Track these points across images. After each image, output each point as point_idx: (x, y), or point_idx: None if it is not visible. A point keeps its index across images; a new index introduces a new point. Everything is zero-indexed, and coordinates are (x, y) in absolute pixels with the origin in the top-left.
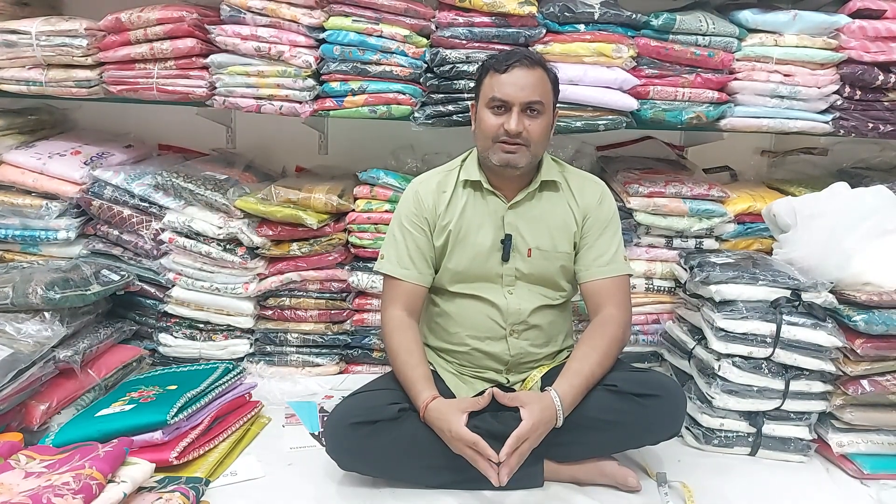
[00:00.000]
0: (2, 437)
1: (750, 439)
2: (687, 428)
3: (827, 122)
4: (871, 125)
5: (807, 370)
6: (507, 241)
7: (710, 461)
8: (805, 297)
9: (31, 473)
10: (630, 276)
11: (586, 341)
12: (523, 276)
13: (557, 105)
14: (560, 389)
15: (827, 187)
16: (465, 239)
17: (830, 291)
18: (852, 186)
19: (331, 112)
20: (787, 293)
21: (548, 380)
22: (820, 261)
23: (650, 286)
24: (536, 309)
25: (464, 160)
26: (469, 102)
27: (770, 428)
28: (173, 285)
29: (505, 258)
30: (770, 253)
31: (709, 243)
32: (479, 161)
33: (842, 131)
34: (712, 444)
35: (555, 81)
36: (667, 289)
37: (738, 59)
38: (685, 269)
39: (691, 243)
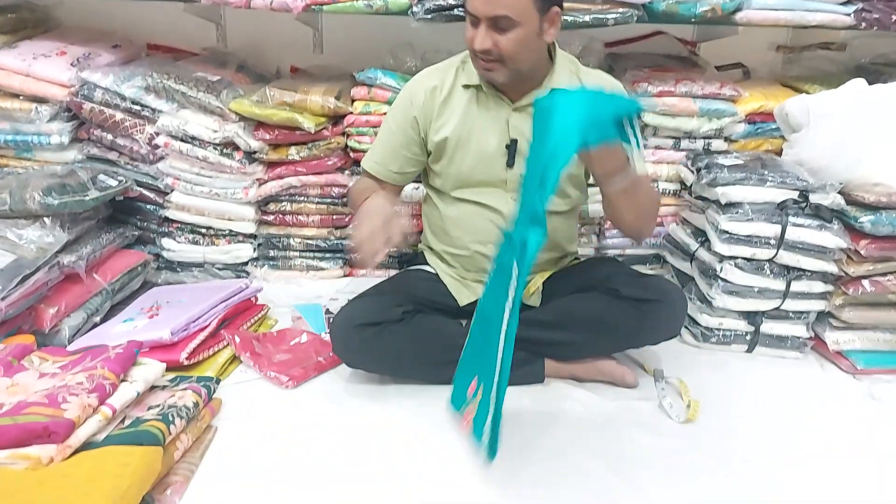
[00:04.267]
0: (14, 340)
1: (748, 337)
2: (686, 327)
3: (849, 15)
4: (895, 17)
5: (809, 271)
6: (511, 146)
7: (707, 358)
8: (813, 198)
9: (45, 374)
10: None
11: None
12: None
13: (557, 3)
14: None
15: (843, 84)
16: (468, 143)
17: (839, 192)
18: (870, 83)
19: (324, 6)
20: (795, 195)
21: (551, 285)
22: (830, 161)
23: (655, 189)
24: None
25: (464, 60)
26: None
27: (768, 327)
28: (172, 190)
29: (510, 164)
30: (779, 154)
31: (717, 144)
32: None
33: (863, 24)
34: (710, 342)
35: None
36: (672, 191)
37: None
38: (692, 171)
39: (699, 144)
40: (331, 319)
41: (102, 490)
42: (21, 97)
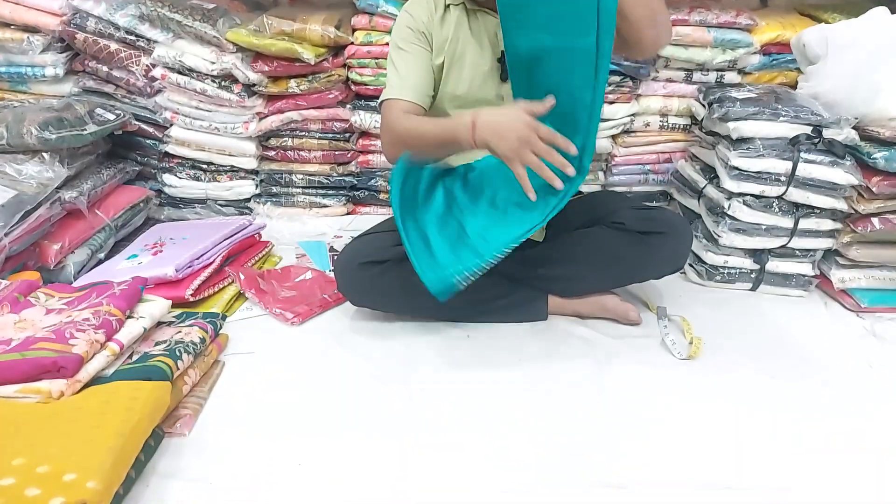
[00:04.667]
0: (20, 276)
1: (752, 275)
2: (690, 265)
3: None
4: None
5: (818, 209)
6: (503, 59)
7: (710, 296)
8: (826, 133)
9: (52, 310)
10: None
11: None
12: None
13: None
14: None
15: (864, 13)
16: (462, 60)
17: (853, 128)
18: (893, 12)
19: None
20: (808, 130)
21: (555, 220)
22: (847, 94)
23: (665, 123)
24: None
25: None
26: None
27: (774, 265)
28: (171, 125)
29: (504, 77)
30: (794, 87)
31: (730, 77)
32: None
33: None
34: (714, 280)
35: None
36: (682, 126)
37: None
38: (703, 105)
39: (712, 77)
40: (335, 257)
41: (113, 423)
42: (12, 26)
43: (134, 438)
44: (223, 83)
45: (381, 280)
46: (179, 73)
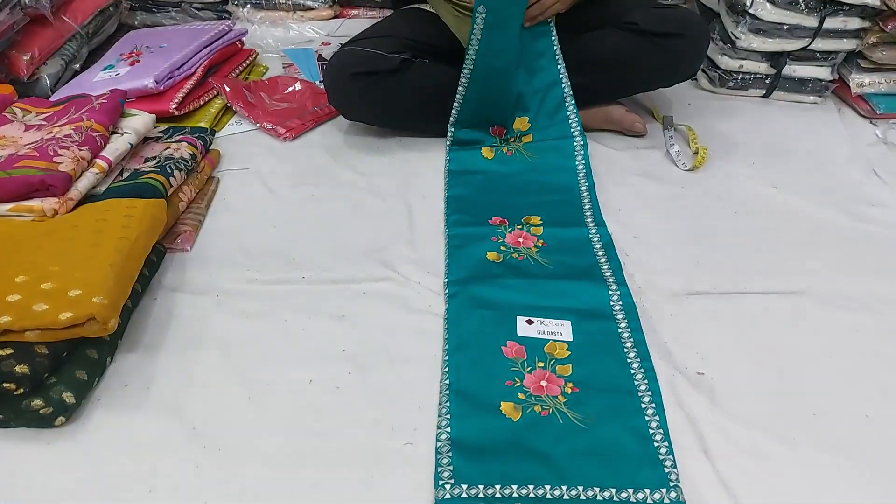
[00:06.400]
0: None
1: (767, 81)
2: (703, 70)
3: None
4: None
5: (847, 5)
6: None
7: (720, 104)
8: None
9: (31, 126)
10: None
11: None
12: None
13: None
14: None
15: None
16: None
17: None
18: None
19: None
20: None
21: (562, 24)
22: None
23: None
24: None
25: None
26: None
27: (791, 69)
28: None
29: None
30: None
31: None
32: None
33: None
34: (727, 86)
35: None
36: None
37: None
38: None
39: None
40: (324, 67)
41: (111, 241)
42: None
43: (134, 255)
44: None
45: (373, 92)
46: None
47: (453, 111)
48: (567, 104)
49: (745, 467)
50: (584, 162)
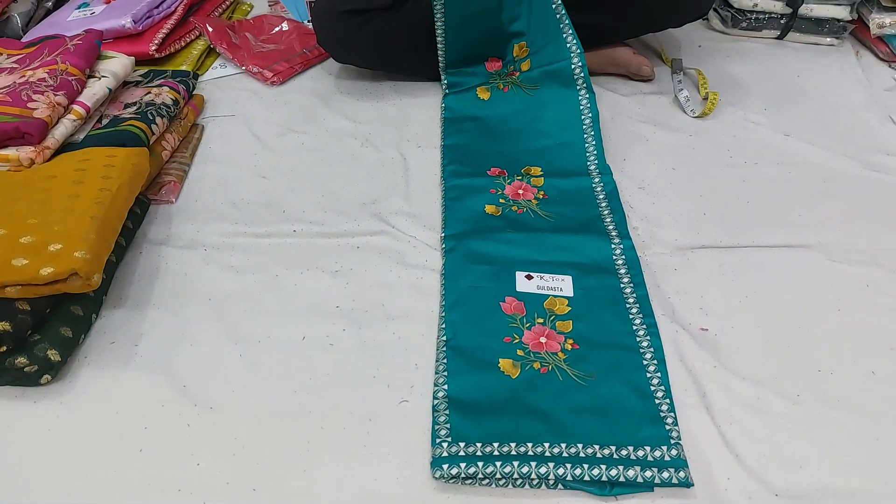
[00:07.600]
0: None
1: (783, 21)
2: (715, 9)
3: None
4: None
5: None
6: None
7: (732, 46)
8: None
9: (2, 70)
10: None
11: None
12: None
13: None
14: None
15: None
16: None
17: None
18: None
19: None
20: None
21: None
22: None
23: None
24: None
25: None
26: None
27: (808, 8)
28: None
29: None
30: None
31: None
32: None
33: None
34: (740, 27)
35: None
36: None
37: None
38: None
39: None
40: (312, 5)
41: (91, 192)
42: None
43: (116, 207)
44: None
45: (364, 32)
46: None
47: (439, 58)
48: (557, 14)
49: (747, 425)
50: (585, 85)
